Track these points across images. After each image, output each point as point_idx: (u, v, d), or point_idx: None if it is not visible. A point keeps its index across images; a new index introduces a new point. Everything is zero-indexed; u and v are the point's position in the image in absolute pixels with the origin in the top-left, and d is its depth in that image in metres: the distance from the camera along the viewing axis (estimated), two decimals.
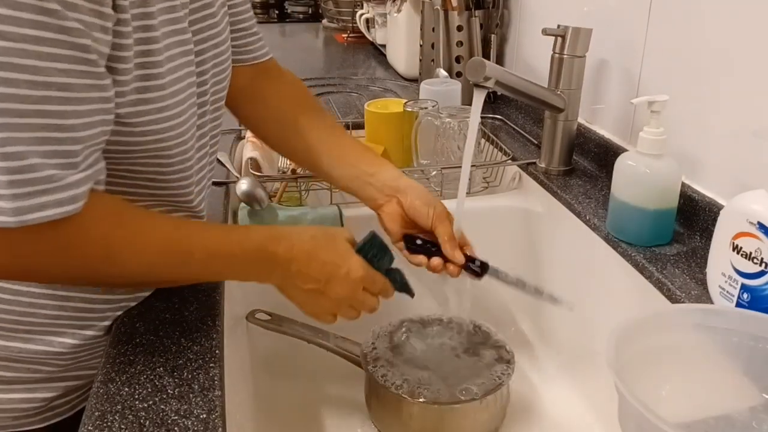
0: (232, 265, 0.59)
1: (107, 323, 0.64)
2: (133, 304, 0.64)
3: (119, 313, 0.64)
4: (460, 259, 0.69)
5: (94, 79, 0.48)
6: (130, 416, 0.50)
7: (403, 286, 0.69)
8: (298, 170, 1.03)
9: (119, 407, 0.51)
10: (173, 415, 0.50)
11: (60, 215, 0.47)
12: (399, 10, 1.49)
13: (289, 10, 2.44)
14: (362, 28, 1.80)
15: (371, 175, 0.74)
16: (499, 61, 1.29)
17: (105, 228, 0.52)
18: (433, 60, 1.29)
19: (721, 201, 0.73)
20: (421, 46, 1.33)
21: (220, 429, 0.49)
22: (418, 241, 0.72)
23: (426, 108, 1.01)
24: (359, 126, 1.13)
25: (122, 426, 0.49)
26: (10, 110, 0.44)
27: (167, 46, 0.56)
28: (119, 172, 0.58)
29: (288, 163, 1.09)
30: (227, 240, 0.59)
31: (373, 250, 0.65)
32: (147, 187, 0.60)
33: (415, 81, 1.42)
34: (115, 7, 0.49)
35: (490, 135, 1.10)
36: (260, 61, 0.78)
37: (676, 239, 0.74)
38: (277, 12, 2.43)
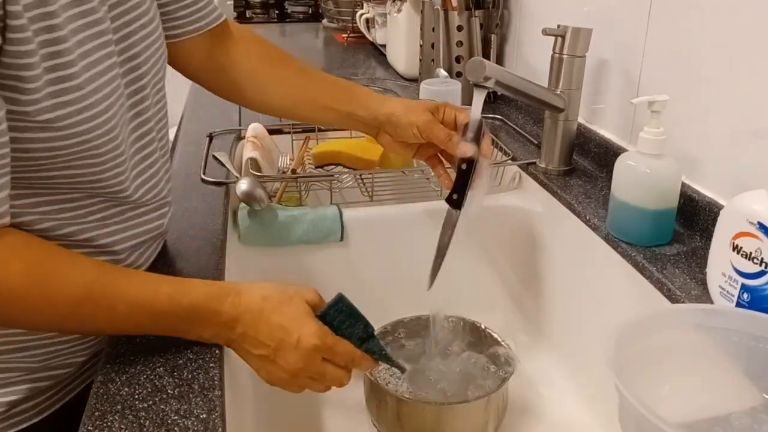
0: (160, 322, 0.55)
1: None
2: None
3: None
4: (465, 149, 0.71)
5: None
6: (130, 416, 0.50)
7: (384, 358, 0.62)
8: (298, 170, 1.03)
9: (119, 407, 0.51)
10: (173, 415, 0.50)
11: None
12: (399, 10, 1.49)
13: (289, 10, 2.44)
14: (362, 28, 1.80)
15: (350, 114, 0.77)
16: (499, 61, 1.29)
17: (8, 269, 0.49)
18: (433, 60, 1.29)
19: (721, 201, 0.73)
20: (421, 46, 1.33)
21: (220, 429, 0.49)
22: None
23: None
24: None
25: (122, 426, 0.49)
26: None
27: (80, 42, 0.52)
28: (51, 176, 0.55)
29: (288, 162, 1.09)
30: (155, 293, 0.54)
31: (339, 316, 0.57)
32: (82, 184, 0.57)
33: (415, 81, 1.42)
34: (6, 15, 0.46)
35: (490, 135, 1.10)
36: (214, 26, 0.75)
37: (676, 239, 0.74)
38: (277, 12, 2.43)
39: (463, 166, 0.70)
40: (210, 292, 0.56)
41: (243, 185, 0.82)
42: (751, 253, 0.58)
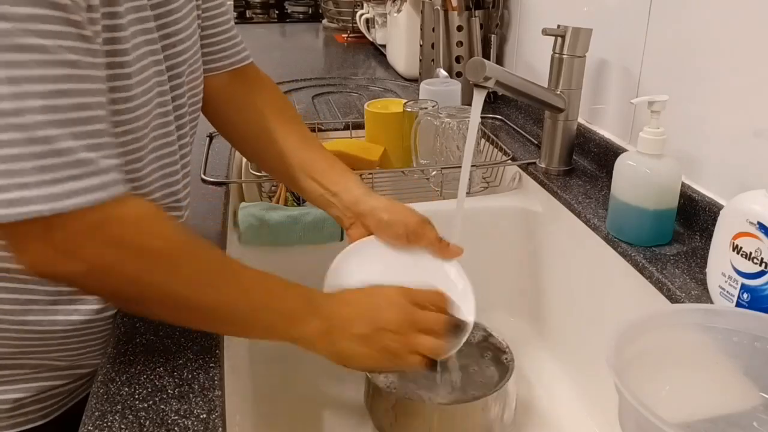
0: (277, 303, 0.56)
1: (96, 306, 0.62)
2: (113, 311, 0.63)
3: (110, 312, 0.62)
4: (455, 255, 0.68)
5: (94, 56, 0.47)
6: (130, 416, 0.50)
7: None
8: None
9: (119, 407, 0.51)
10: (173, 415, 0.50)
11: (95, 202, 0.45)
12: (399, 10, 1.49)
13: (289, 10, 2.44)
14: (362, 28, 1.80)
15: (333, 194, 0.72)
16: (499, 61, 1.29)
17: (167, 224, 0.51)
18: (433, 60, 1.29)
19: (721, 201, 0.73)
20: (421, 46, 1.33)
21: (220, 429, 0.49)
22: None
23: (426, 108, 1.01)
24: (359, 126, 1.13)
25: (122, 426, 0.49)
26: (29, 93, 0.42)
27: (135, 45, 0.53)
28: None
29: None
30: (269, 275, 0.57)
31: None
32: None
33: (415, 81, 1.42)
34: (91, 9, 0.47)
35: (490, 135, 1.10)
36: (238, 66, 0.75)
37: (676, 239, 0.74)
38: (277, 12, 2.43)
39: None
40: (315, 290, 0.59)
41: None
42: (750, 253, 0.58)
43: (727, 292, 0.61)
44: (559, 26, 0.88)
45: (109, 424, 0.49)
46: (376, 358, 0.58)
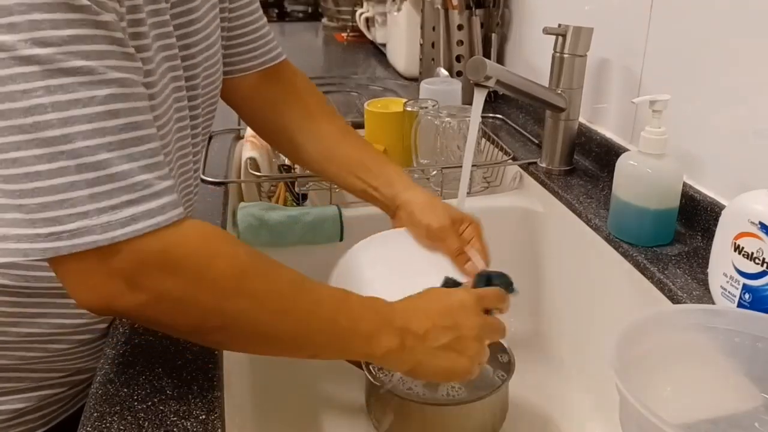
0: (354, 322, 0.53)
1: (102, 325, 0.63)
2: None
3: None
4: (474, 270, 0.67)
5: (138, 74, 0.45)
6: (129, 417, 0.49)
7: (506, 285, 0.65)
8: (297, 170, 1.02)
9: (118, 408, 0.50)
10: (172, 416, 0.50)
11: (152, 227, 0.43)
12: (399, 9, 1.49)
13: (288, 9, 2.43)
14: (362, 27, 1.80)
15: (375, 188, 0.73)
16: (500, 60, 1.29)
17: (238, 251, 0.48)
18: (433, 59, 1.29)
19: (722, 201, 0.72)
20: (421, 45, 1.33)
21: (219, 430, 0.49)
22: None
23: (426, 107, 1.01)
24: (359, 125, 1.12)
25: (121, 427, 0.49)
26: (76, 117, 0.40)
27: (158, 63, 0.52)
28: None
29: (288, 162, 1.08)
30: (348, 293, 0.55)
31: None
32: None
33: (416, 80, 1.42)
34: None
35: (491, 134, 1.10)
36: (271, 65, 0.74)
37: (677, 239, 0.74)
38: (276, 11, 2.43)
39: None
40: (387, 303, 0.56)
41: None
42: (752, 253, 0.58)
43: (729, 292, 0.61)
44: (560, 25, 0.87)
45: (107, 425, 0.49)
46: (449, 369, 0.57)
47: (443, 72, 1.19)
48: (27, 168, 0.40)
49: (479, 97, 0.74)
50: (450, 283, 0.64)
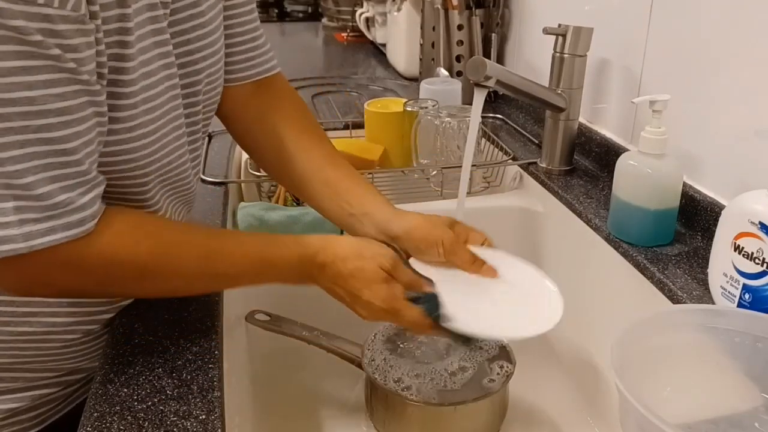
0: (276, 263, 0.60)
1: (94, 327, 0.63)
2: (112, 315, 0.63)
3: (104, 316, 0.63)
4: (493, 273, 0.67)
5: (89, 96, 0.47)
6: (129, 417, 0.49)
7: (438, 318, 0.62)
8: None
9: (118, 408, 0.50)
10: (172, 416, 0.50)
11: (67, 238, 0.47)
12: (399, 9, 1.49)
13: (288, 9, 2.43)
14: (362, 27, 1.80)
15: (364, 214, 0.68)
16: (500, 60, 1.29)
17: (129, 245, 0.52)
18: (433, 59, 1.29)
19: (722, 201, 0.72)
20: (421, 45, 1.33)
21: (219, 430, 0.49)
22: None
23: (426, 107, 1.01)
24: (359, 126, 1.13)
25: (121, 427, 0.49)
26: (10, 143, 0.43)
27: (144, 57, 0.52)
28: None
29: None
30: (262, 239, 0.61)
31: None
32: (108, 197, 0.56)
33: (416, 80, 1.42)
34: (91, 16, 0.46)
35: (491, 134, 1.10)
36: (265, 76, 0.72)
37: (677, 239, 0.74)
38: (276, 11, 2.43)
39: None
40: (306, 239, 0.62)
41: None
42: (752, 253, 0.58)
43: (729, 292, 0.61)
44: (560, 25, 0.87)
45: (107, 425, 0.49)
46: (353, 308, 0.62)
47: (443, 72, 1.19)
48: None
49: (479, 97, 0.74)
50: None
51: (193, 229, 0.60)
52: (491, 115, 1.21)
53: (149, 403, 0.51)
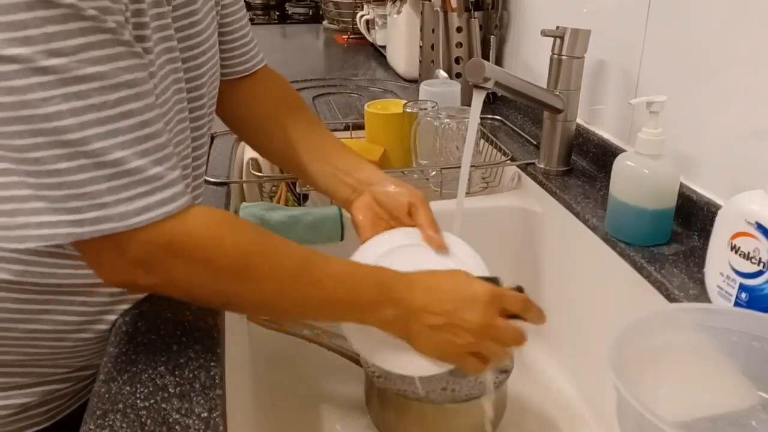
0: (359, 296, 0.56)
1: (104, 326, 0.63)
2: (126, 306, 0.63)
3: (114, 316, 0.63)
4: (443, 244, 0.67)
5: (146, 71, 0.48)
6: (132, 415, 0.50)
7: None
8: None
9: (120, 406, 0.51)
10: (174, 414, 0.50)
11: (165, 215, 0.47)
12: (399, 12, 1.49)
13: (289, 12, 2.44)
14: (362, 29, 1.80)
15: (347, 173, 0.72)
16: (499, 62, 1.30)
17: (233, 232, 0.51)
18: (432, 61, 1.30)
19: (719, 201, 0.73)
20: (420, 47, 1.34)
21: (221, 428, 0.49)
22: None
23: (425, 109, 1.02)
24: (359, 127, 1.13)
25: (123, 425, 0.49)
26: (92, 121, 0.44)
27: (155, 52, 0.53)
28: None
29: None
30: (356, 267, 0.59)
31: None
32: None
33: (415, 82, 1.43)
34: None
35: (489, 135, 1.10)
36: (250, 72, 0.75)
37: (674, 239, 0.75)
38: (277, 13, 2.43)
39: None
40: (394, 274, 0.58)
41: None
42: (749, 252, 0.58)
43: (726, 291, 0.61)
44: (557, 27, 0.88)
45: (110, 423, 0.49)
46: (440, 348, 0.58)
47: (442, 74, 1.20)
48: (49, 166, 0.44)
49: (478, 99, 0.74)
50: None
51: (291, 241, 0.58)
52: (490, 116, 1.22)
53: (152, 401, 0.51)
